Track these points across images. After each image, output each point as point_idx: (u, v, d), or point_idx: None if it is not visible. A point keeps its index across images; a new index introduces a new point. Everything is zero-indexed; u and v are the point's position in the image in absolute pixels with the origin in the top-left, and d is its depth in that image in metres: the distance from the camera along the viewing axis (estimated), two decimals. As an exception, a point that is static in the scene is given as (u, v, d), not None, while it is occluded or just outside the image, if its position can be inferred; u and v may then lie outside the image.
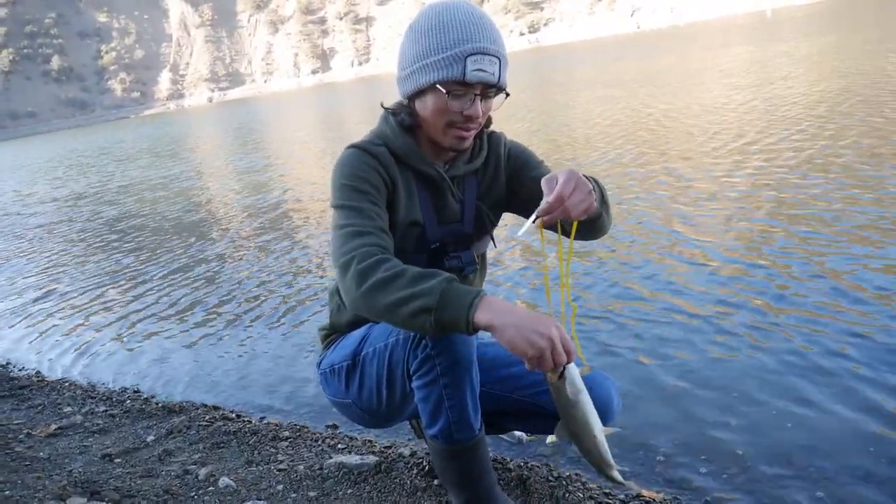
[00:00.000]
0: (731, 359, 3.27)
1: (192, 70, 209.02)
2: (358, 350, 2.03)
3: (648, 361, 3.37)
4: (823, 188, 5.84)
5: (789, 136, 8.17)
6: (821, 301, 3.73)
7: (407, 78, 1.92)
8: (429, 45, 1.85)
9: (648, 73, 22.78)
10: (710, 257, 4.69)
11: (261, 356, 4.26)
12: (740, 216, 5.51)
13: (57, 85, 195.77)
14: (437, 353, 1.78)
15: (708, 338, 3.52)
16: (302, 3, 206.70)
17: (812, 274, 4.11)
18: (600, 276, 4.68)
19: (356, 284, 1.68)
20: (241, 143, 23.29)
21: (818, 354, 3.17)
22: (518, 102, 18.45)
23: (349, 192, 1.89)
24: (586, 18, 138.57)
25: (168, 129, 47.08)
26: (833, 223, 4.92)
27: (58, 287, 6.96)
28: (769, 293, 3.94)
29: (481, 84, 1.83)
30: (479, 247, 2.17)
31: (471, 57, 1.80)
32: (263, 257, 6.67)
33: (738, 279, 4.23)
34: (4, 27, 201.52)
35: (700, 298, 4.04)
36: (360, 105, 32.53)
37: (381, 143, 2.00)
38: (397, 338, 1.87)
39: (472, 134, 1.92)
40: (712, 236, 5.13)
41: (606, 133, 10.96)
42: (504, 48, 1.89)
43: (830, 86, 11.57)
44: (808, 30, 30.03)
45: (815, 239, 4.67)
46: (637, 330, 3.75)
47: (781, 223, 5.13)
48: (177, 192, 12.83)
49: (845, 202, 5.36)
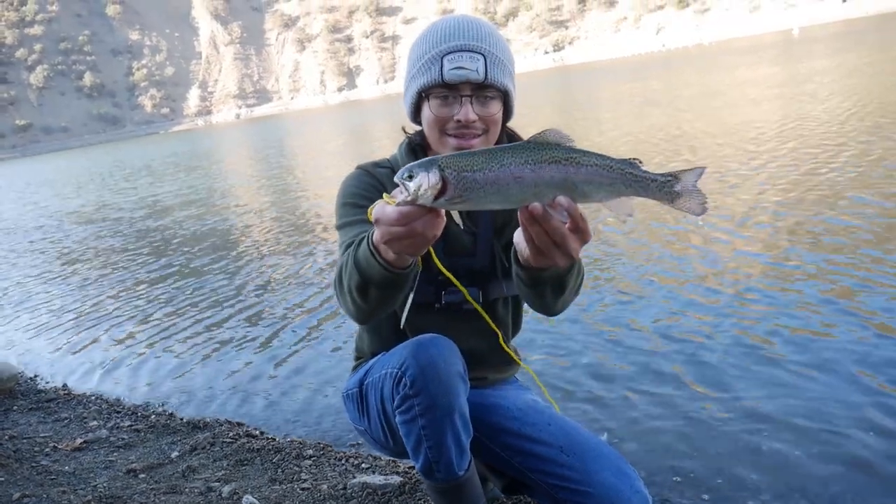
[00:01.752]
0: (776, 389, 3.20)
1: (221, 87, 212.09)
2: (363, 379, 2.02)
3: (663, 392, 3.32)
4: (859, 212, 5.74)
5: (822, 158, 8.05)
6: (852, 337, 3.65)
7: (404, 98, 1.91)
8: (413, 56, 1.82)
9: (673, 92, 22.66)
10: (732, 283, 4.62)
11: (287, 374, 4.26)
12: (765, 240, 5.43)
13: (89, 100, 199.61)
14: (415, 392, 1.73)
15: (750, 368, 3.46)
16: (329, 22, 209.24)
17: (832, 306, 4.03)
18: (612, 295, 4.63)
19: (337, 297, 1.69)
20: (267, 160, 23.50)
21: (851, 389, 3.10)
22: (543, 120, 18.42)
23: (348, 209, 1.89)
24: (611, 37, 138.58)
25: (197, 145, 47.72)
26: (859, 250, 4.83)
27: (87, 301, 7.04)
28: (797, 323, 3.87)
29: (467, 84, 1.73)
30: (503, 287, 2.01)
31: (447, 56, 1.72)
32: (293, 276, 6.67)
33: (759, 307, 4.16)
34: (40, 44, 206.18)
35: (720, 323, 3.97)
36: (384, 123, 32.73)
37: (389, 165, 2.01)
38: (387, 370, 1.83)
39: (473, 143, 1.79)
40: (730, 262, 5.06)
41: (631, 152, 10.89)
42: (496, 47, 1.77)
43: (862, 105, 11.40)
44: (837, 48, 29.72)
45: (836, 269, 4.58)
46: (651, 360, 3.70)
47: (800, 251, 5.05)
48: (206, 208, 12.97)
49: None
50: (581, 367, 3.69)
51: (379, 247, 1.45)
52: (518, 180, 1.28)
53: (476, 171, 1.27)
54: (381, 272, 1.48)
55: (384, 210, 1.33)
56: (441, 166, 1.28)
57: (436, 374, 1.72)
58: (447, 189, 1.27)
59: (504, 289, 2.02)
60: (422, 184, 1.26)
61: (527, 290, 1.64)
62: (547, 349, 3.96)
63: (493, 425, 2.01)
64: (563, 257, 1.37)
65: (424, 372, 1.72)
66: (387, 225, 1.33)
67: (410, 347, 1.78)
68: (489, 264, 1.99)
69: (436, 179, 1.26)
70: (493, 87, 1.77)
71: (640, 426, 3.02)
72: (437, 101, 1.77)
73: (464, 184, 1.27)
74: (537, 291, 1.63)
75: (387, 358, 1.89)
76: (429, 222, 1.31)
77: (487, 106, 1.78)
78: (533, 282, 1.59)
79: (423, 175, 1.27)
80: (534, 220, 1.31)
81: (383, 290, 1.54)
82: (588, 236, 1.37)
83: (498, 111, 1.82)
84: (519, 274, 1.60)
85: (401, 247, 1.36)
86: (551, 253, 1.36)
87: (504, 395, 2.12)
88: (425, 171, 1.27)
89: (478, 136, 1.79)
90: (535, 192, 1.29)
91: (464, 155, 1.30)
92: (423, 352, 1.75)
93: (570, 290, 1.67)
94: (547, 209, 1.29)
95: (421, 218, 1.30)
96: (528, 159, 1.27)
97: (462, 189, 1.28)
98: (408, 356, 1.76)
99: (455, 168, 1.27)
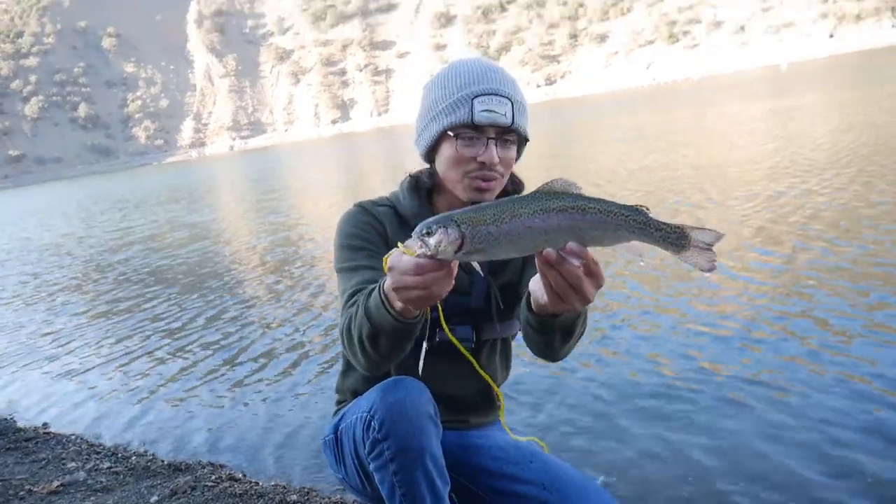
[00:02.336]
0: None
1: (215, 119, 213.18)
2: (338, 424, 1.95)
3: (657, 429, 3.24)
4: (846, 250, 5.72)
5: (809, 190, 8.06)
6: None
7: (420, 135, 1.89)
8: (437, 96, 1.83)
9: (662, 126, 22.85)
10: (728, 322, 4.57)
11: (271, 415, 4.15)
12: (763, 280, 5.40)
13: (83, 132, 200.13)
14: (383, 436, 1.69)
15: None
16: (323, 56, 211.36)
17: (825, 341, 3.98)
18: (614, 334, 4.57)
19: (345, 348, 1.71)
20: (261, 192, 23.48)
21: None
22: (536, 152, 18.51)
23: (346, 252, 1.88)
24: (602, 71, 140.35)
25: (190, 177, 47.72)
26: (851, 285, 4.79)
27: (68, 337, 6.92)
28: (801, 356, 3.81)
29: (493, 126, 1.76)
30: (497, 329, 1.99)
31: (478, 98, 1.75)
32: (281, 315, 6.51)
33: (758, 344, 4.10)
34: (35, 75, 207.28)
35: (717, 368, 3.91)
36: (377, 155, 32.85)
37: (389, 203, 1.98)
38: (358, 415, 1.78)
39: (492, 185, 1.81)
40: (730, 303, 5.01)
41: (622, 187, 10.90)
42: (519, 94, 1.82)
43: (850, 140, 11.49)
44: (824, 83, 30.12)
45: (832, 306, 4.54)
46: (650, 398, 3.62)
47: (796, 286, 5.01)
48: (190, 243, 12.88)
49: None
50: (573, 408, 3.60)
51: (389, 294, 1.48)
52: (529, 230, 1.32)
53: (490, 225, 1.32)
54: (391, 321, 1.51)
55: (400, 259, 1.37)
56: (458, 222, 1.32)
57: (404, 416, 1.68)
58: (464, 243, 1.32)
59: (498, 329, 1.99)
60: (442, 240, 1.31)
61: (536, 336, 1.65)
62: (539, 392, 3.87)
63: (473, 467, 1.96)
64: (579, 301, 1.39)
65: (392, 414, 1.68)
66: (400, 273, 1.37)
67: (378, 390, 1.75)
68: (484, 304, 1.97)
69: (456, 235, 1.31)
70: (515, 132, 1.80)
71: (635, 469, 2.94)
72: (462, 141, 1.77)
73: (480, 237, 1.32)
74: (547, 339, 1.65)
75: (359, 401, 1.83)
76: (441, 280, 1.37)
77: (508, 150, 1.80)
78: (544, 328, 1.61)
79: (442, 232, 1.31)
80: (550, 266, 1.34)
81: (393, 340, 1.57)
82: (601, 280, 1.39)
83: (514, 155, 1.85)
84: (530, 321, 1.62)
85: (409, 297, 1.40)
86: (568, 297, 1.38)
87: (486, 435, 2.07)
88: (444, 227, 1.32)
89: (495, 179, 1.80)
90: (545, 239, 1.33)
91: (476, 209, 1.35)
92: (391, 394, 1.72)
93: (576, 337, 1.69)
94: (560, 254, 1.32)
95: (435, 272, 1.35)
96: (538, 209, 1.32)
97: (478, 242, 1.32)
98: (376, 399, 1.73)
99: (470, 223, 1.32)
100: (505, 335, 2.04)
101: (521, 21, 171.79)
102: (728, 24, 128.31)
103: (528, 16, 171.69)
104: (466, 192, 1.82)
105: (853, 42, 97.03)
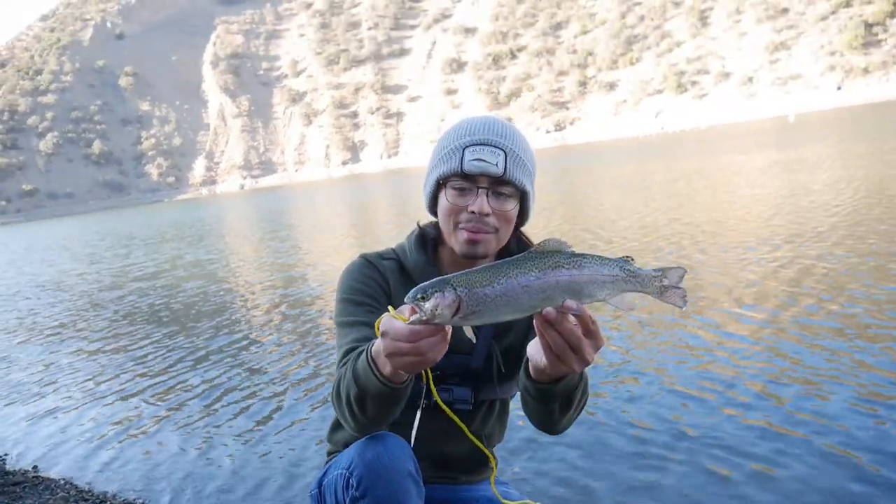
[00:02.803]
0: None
1: (227, 158, 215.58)
2: (322, 479, 1.92)
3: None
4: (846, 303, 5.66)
5: (803, 245, 8.02)
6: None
7: (424, 187, 1.90)
8: (437, 148, 1.86)
9: (665, 175, 22.93)
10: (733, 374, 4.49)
11: (264, 465, 4.06)
12: (755, 332, 5.33)
13: (96, 168, 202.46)
14: (362, 494, 1.66)
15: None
16: (336, 98, 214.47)
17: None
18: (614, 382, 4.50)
19: (335, 408, 1.69)
20: (265, 232, 23.56)
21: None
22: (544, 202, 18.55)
23: (346, 306, 1.86)
24: (611, 118, 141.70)
25: (200, 214, 47.99)
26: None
27: (64, 378, 6.84)
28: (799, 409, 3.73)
29: (485, 176, 1.74)
30: (496, 390, 1.96)
31: (469, 147, 1.75)
32: (278, 360, 6.40)
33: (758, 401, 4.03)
34: (52, 112, 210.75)
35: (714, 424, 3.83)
36: (385, 196, 33.01)
37: (395, 257, 1.96)
38: (339, 471, 1.75)
39: (484, 238, 1.78)
40: (721, 362, 4.95)
41: (625, 238, 10.89)
42: (518, 146, 1.79)
43: (850, 195, 11.47)
44: (829, 135, 30.26)
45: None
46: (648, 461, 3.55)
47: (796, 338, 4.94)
48: (189, 281, 12.87)
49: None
50: (567, 465, 3.53)
51: (378, 360, 1.47)
52: (526, 289, 1.33)
53: (486, 286, 1.33)
54: (378, 386, 1.49)
55: (392, 325, 1.35)
56: (453, 285, 1.32)
57: (382, 475, 1.65)
58: (461, 307, 1.32)
59: (497, 391, 1.97)
60: (438, 304, 1.31)
61: (535, 405, 1.63)
62: (533, 453, 3.80)
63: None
64: (578, 363, 1.38)
65: (370, 472, 1.65)
66: (393, 339, 1.35)
67: (358, 446, 1.72)
68: (484, 365, 1.93)
69: (452, 298, 1.31)
70: (510, 184, 1.76)
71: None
72: (453, 190, 1.77)
73: (476, 299, 1.32)
74: (546, 408, 1.62)
75: (341, 456, 1.79)
76: (435, 345, 1.35)
77: (503, 202, 1.77)
78: (543, 396, 1.59)
79: (438, 296, 1.31)
80: (549, 325, 1.34)
81: (380, 405, 1.55)
82: (600, 340, 1.40)
83: (512, 209, 1.80)
84: (529, 389, 1.60)
85: (402, 363, 1.38)
86: (567, 358, 1.38)
87: (475, 489, 2.05)
88: (440, 291, 1.32)
89: (489, 233, 1.78)
90: (543, 297, 1.34)
91: (471, 272, 1.35)
92: (370, 450, 1.69)
93: (576, 407, 1.66)
94: (559, 312, 1.33)
95: (429, 338, 1.34)
96: (533, 267, 1.34)
97: (475, 305, 1.33)
98: (355, 455, 1.70)
99: (466, 285, 1.33)
100: (504, 396, 2.01)
101: (531, 68, 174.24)
102: (736, 76, 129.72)
103: (537, 63, 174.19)
104: (459, 244, 1.80)
105: (860, 94, 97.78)
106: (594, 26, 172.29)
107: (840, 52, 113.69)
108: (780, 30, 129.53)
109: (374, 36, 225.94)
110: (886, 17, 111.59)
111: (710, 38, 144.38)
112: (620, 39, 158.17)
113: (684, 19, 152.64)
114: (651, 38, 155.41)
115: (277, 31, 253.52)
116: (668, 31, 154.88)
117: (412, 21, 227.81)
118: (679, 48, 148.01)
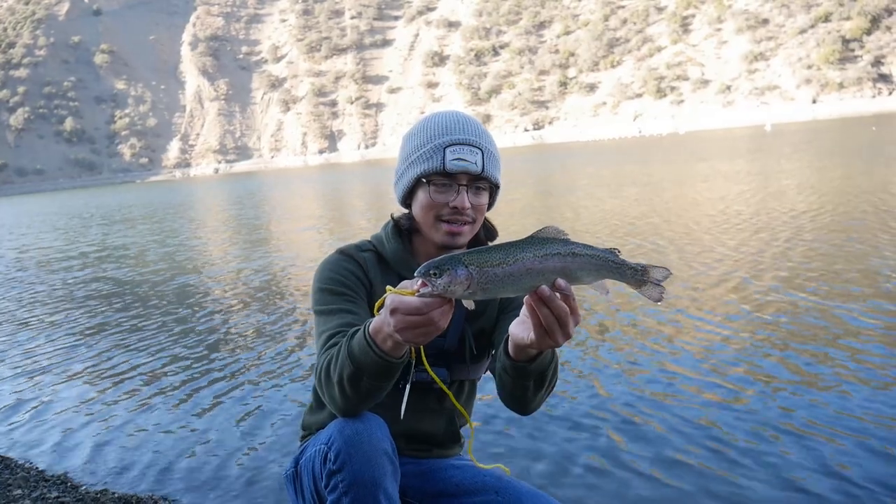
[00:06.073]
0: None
1: (202, 141, 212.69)
2: (299, 457, 1.97)
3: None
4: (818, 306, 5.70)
5: (781, 250, 8.09)
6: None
7: (398, 181, 2.02)
8: (412, 145, 1.95)
9: (641, 177, 23.08)
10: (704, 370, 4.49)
11: (233, 449, 3.99)
12: (735, 334, 5.34)
13: (67, 145, 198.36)
14: (338, 467, 1.71)
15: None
16: (315, 86, 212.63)
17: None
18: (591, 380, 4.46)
19: (322, 389, 1.76)
20: (237, 216, 23.29)
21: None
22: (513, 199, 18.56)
23: (324, 295, 1.94)
24: (590, 120, 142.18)
25: (171, 197, 47.36)
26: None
27: (22, 356, 6.66)
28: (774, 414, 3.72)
29: (465, 174, 1.89)
30: (468, 371, 2.06)
31: (450, 147, 1.88)
32: (252, 345, 6.34)
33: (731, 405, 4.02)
34: (24, 87, 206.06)
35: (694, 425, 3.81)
36: (361, 185, 32.84)
37: (372, 247, 2.07)
38: (316, 448, 1.81)
39: (464, 230, 1.93)
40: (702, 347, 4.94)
41: (596, 232, 10.91)
42: (491, 145, 1.94)
43: (822, 205, 11.62)
44: (804, 146, 30.68)
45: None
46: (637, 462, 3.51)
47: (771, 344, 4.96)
48: (161, 263, 12.67)
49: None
50: (537, 439, 3.48)
51: (377, 336, 1.59)
52: (529, 271, 1.48)
53: (496, 266, 1.46)
54: (377, 361, 1.60)
55: (402, 300, 1.46)
56: (466, 263, 1.46)
57: (360, 448, 1.71)
58: (471, 284, 1.46)
59: (469, 372, 2.07)
60: (452, 280, 1.44)
61: (511, 382, 1.75)
62: (512, 444, 3.75)
63: (431, 492, 2.00)
64: (562, 336, 1.52)
65: (348, 446, 1.71)
66: (405, 314, 1.46)
67: (337, 423, 1.78)
68: (458, 346, 2.03)
69: (465, 275, 1.45)
70: (486, 180, 1.93)
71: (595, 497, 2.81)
72: (435, 187, 1.90)
73: (486, 278, 1.46)
74: (522, 384, 1.74)
75: (320, 434, 1.85)
76: (444, 312, 1.47)
77: (479, 196, 1.94)
78: (521, 374, 1.71)
79: (452, 272, 1.44)
80: (542, 303, 1.48)
81: (376, 380, 1.65)
82: (579, 317, 1.54)
83: (486, 202, 1.98)
84: (507, 367, 1.73)
85: (413, 335, 1.49)
86: (554, 332, 1.51)
87: (444, 460, 2.14)
88: (453, 267, 1.44)
89: (467, 223, 1.93)
90: (540, 279, 1.49)
91: (482, 251, 1.49)
92: (350, 426, 1.75)
93: (547, 387, 1.78)
94: (553, 292, 1.48)
95: (439, 308, 1.46)
96: (537, 253, 1.49)
97: (484, 282, 1.47)
98: (335, 431, 1.76)
99: (477, 264, 1.46)
100: (474, 377, 2.12)
101: (513, 66, 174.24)
102: (714, 83, 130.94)
103: (519, 61, 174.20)
104: (438, 235, 1.93)
105: (835, 108, 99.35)
106: (577, 27, 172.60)
107: (817, 66, 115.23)
108: (760, 41, 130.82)
109: (357, 25, 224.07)
110: (864, 33, 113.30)
111: (690, 45, 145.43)
112: (602, 42, 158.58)
113: (666, 25, 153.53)
114: (633, 42, 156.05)
115: (259, 15, 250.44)
116: (650, 36, 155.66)
117: (396, 12, 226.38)
118: (660, 53, 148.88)
